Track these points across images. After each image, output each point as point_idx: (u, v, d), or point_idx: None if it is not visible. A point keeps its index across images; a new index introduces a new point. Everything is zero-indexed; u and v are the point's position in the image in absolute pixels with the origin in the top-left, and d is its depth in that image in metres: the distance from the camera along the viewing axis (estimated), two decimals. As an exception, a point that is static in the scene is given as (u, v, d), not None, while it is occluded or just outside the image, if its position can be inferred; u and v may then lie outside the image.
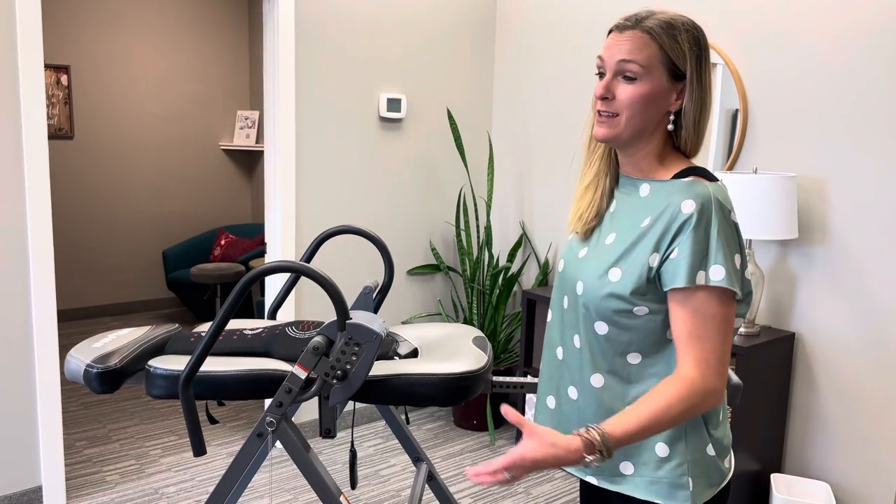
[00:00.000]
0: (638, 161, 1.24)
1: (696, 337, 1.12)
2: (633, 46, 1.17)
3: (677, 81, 1.19)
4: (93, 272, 5.39)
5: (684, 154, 1.24)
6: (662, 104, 1.20)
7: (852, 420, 2.58)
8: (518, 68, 3.74)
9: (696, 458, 1.19)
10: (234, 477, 1.57)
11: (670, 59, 1.17)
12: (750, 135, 2.81)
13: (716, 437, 1.22)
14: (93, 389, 1.52)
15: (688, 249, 1.12)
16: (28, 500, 2.67)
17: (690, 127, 1.20)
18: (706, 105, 1.21)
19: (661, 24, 1.18)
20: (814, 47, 2.60)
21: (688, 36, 1.18)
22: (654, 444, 1.20)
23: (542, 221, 3.68)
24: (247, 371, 1.55)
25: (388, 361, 1.64)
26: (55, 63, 5.02)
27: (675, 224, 1.14)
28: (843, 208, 2.56)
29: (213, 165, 5.85)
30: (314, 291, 3.36)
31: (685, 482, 1.19)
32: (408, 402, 1.57)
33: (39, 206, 2.58)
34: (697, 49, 1.19)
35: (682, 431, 1.20)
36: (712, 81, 1.23)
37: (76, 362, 1.54)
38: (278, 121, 3.13)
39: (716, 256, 1.12)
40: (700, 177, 1.19)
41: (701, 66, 1.19)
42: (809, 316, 2.67)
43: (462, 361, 1.62)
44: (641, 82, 1.17)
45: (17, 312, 2.59)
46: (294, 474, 3.06)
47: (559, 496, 2.94)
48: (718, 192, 1.16)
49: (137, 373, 1.61)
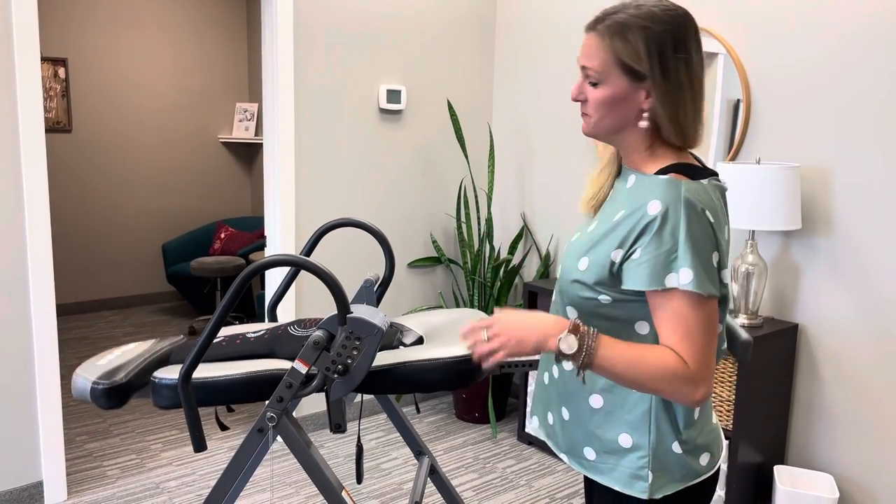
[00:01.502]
0: (628, 153, 1.24)
1: (681, 336, 1.11)
2: (590, 51, 1.18)
3: (641, 81, 1.15)
4: (92, 266, 5.38)
5: (679, 145, 1.21)
6: (631, 104, 1.18)
7: (856, 411, 2.57)
8: (518, 59, 3.71)
9: (657, 453, 1.21)
10: (235, 471, 1.56)
11: (623, 61, 1.15)
12: (753, 124, 2.78)
13: (685, 436, 1.22)
14: (100, 406, 1.52)
15: (650, 252, 1.11)
16: (29, 494, 2.66)
17: (667, 123, 1.17)
18: (682, 100, 1.16)
19: (614, 25, 1.15)
20: (818, 36, 2.57)
21: (643, 34, 1.13)
22: (618, 435, 1.22)
23: (544, 213, 3.67)
24: (249, 373, 1.54)
25: (393, 350, 1.63)
26: (52, 56, 4.99)
27: (639, 225, 1.13)
28: (847, 199, 2.54)
29: (212, 158, 5.82)
30: (314, 285, 3.35)
31: (644, 475, 1.20)
32: (416, 390, 1.56)
33: (37, 200, 2.56)
34: (658, 46, 1.13)
35: (647, 426, 1.21)
36: (695, 73, 1.17)
37: (82, 381, 1.54)
38: (277, 113, 3.11)
39: (683, 259, 1.09)
40: (681, 174, 1.16)
41: (665, 62, 1.14)
42: (813, 307, 2.66)
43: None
44: (603, 87, 1.18)
45: (16, 307, 2.57)
46: (295, 468, 3.06)
47: (561, 488, 2.93)
48: (693, 191, 1.12)
49: (144, 386, 1.62)
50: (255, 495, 2.82)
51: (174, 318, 5.33)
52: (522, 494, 2.89)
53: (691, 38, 1.16)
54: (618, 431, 1.23)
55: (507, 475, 3.05)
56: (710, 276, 1.11)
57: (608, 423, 1.24)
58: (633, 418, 1.21)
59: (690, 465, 1.23)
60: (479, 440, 3.38)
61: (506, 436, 3.43)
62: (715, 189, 1.18)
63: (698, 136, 1.21)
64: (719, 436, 1.30)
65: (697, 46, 1.18)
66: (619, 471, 1.23)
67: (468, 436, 3.43)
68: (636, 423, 1.21)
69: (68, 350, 4.51)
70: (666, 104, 1.16)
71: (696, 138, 1.20)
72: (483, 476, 3.03)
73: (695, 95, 1.17)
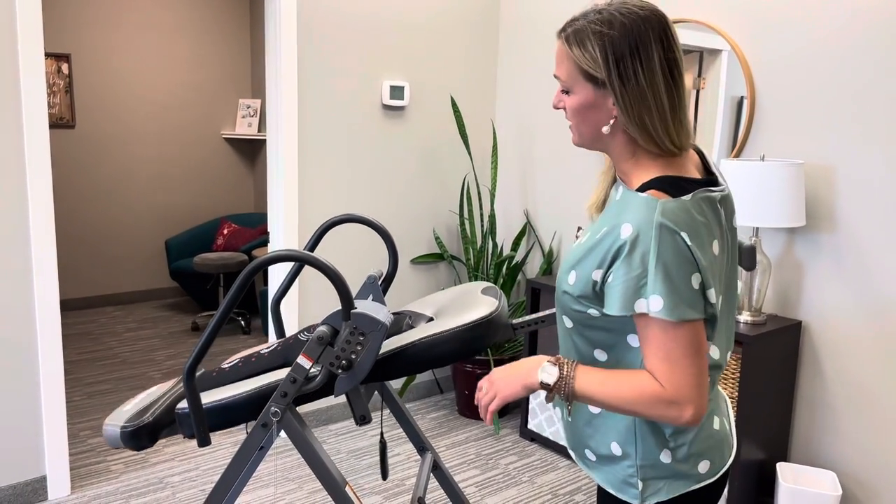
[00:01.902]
0: (617, 162, 1.21)
1: (660, 360, 1.10)
2: (558, 59, 1.18)
3: (604, 88, 1.13)
4: (95, 262, 5.39)
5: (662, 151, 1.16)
6: (601, 112, 1.15)
7: (859, 408, 2.57)
8: (522, 55, 3.71)
9: (645, 463, 1.21)
10: (238, 466, 1.56)
11: (583, 69, 1.14)
12: (757, 121, 2.78)
13: (674, 444, 1.20)
14: (133, 448, 1.55)
15: (621, 278, 1.09)
16: (33, 489, 2.67)
17: (634, 130, 1.13)
18: (646, 105, 1.11)
19: (573, 33, 1.14)
20: (823, 33, 2.57)
21: (598, 41, 1.11)
22: (610, 442, 1.24)
23: (547, 210, 3.66)
24: (254, 390, 1.55)
25: (403, 333, 1.63)
26: (56, 52, 5.00)
27: (613, 248, 1.10)
28: (852, 196, 2.53)
29: (215, 154, 5.83)
30: (318, 281, 3.35)
31: (634, 482, 1.22)
32: (432, 366, 1.55)
33: (41, 195, 2.57)
34: (615, 51, 1.10)
35: (633, 438, 1.21)
36: (659, 75, 1.11)
37: (111, 428, 1.56)
38: (280, 109, 3.11)
39: (653, 285, 1.06)
40: (661, 190, 1.11)
41: (623, 67, 1.10)
42: (817, 304, 2.65)
43: (473, 311, 1.61)
44: (572, 95, 1.18)
45: (20, 303, 2.58)
46: (299, 463, 3.06)
47: (563, 485, 2.94)
48: (669, 212, 1.07)
49: (172, 424, 1.64)
50: (259, 490, 2.82)
51: (177, 313, 5.34)
52: (525, 491, 2.89)
53: (654, 39, 1.11)
54: (609, 439, 1.24)
55: (510, 471, 3.05)
56: (687, 300, 1.07)
57: (602, 429, 1.25)
58: (621, 428, 1.22)
59: (685, 472, 1.21)
60: (482, 437, 3.39)
61: (508, 432, 3.44)
62: (702, 202, 1.12)
63: (678, 141, 1.15)
64: (722, 441, 1.26)
65: (666, 45, 1.12)
66: (613, 475, 1.25)
67: (470, 432, 3.43)
68: (623, 433, 1.22)
69: (71, 345, 4.52)
70: (629, 110, 1.12)
71: (672, 143, 1.14)
72: (485, 472, 3.04)
73: (662, 98, 1.12)
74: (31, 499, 2.67)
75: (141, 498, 2.75)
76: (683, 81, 1.16)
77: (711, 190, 1.15)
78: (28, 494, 2.66)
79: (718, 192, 1.17)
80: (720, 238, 1.16)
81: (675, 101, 1.14)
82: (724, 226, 1.19)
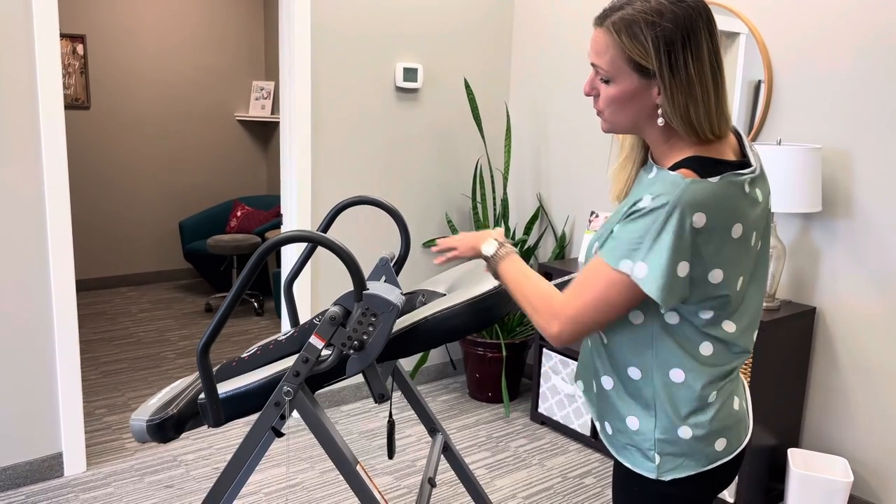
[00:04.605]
0: (652, 147, 1.23)
1: (576, 283, 1.17)
2: (599, 48, 1.16)
3: (652, 78, 1.13)
4: (110, 242, 5.43)
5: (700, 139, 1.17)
6: (643, 101, 1.16)
7: (872, 395, 2.55)
8: (536, 38, 3.68)
9: (663, 437, 1.22)
10: (251, 445, 1.58)
11: (633, 58, 1.13)
12: (774, 105, 2.75)
13: (694, 421, 1.21)
14: (159, 440, 1.58)
15: (625, 235, 1.12)
16: (49, 465, 2.71)
17: (677, 120, 1.14)
18: (693, 95, 1.12)
19: (621, 21, 1.12)
20: (841, 16, 2.53)
21: (651, 31, 1.10)
22: (626, 416, 1.25)
23: (560, 194, 3.65)
24: (270, 376, 1.57)
25: (416, 310, 1.65)
26: (71, 32, 5.01)
27: (630, 208, 1.13)
28: (869, 181, 2.51)
29: (229, 136, 5.84)
30: (331, 263, 3.36)
31: (651, 456, 1.23)
32: (444, 341, 1.57)
33: (57, 176, 2.58)
34: (667, 42, 1.10)
35: (652, 410, 1.22)
36: (706, 65, 1.12)
37: (137, 423, 1.59)
38: (294, 91, 3.10)
39: (647, 255, 1.10)
40: (691, 170, 1.12)
41: (674, 58, 1.11)
42: (831, 290, 2.63)
43: (484, 284, 1.63)
44: (613, 84, 1.16)
45: (37, 282, 2.61)
46: (311, 443, 3.09)
47: (574, 468, 2.95)
48: (692, 193, 1.09)
49: (197, 415, 1.67)
50: (271, 469, 2.85)
51: (190, 294, 5.38)
52: (535, 473, 2.90)
53: (702, 29, 1.12)
54: (626, 413, 1.25)
55: (520, 454, 3.06)
56: (668, 283, 1.10)
57: (619, 403, 1.26)
58: (639, 402, 1.23)
59: (703, 450, 1.22)
60: (492, 419, 3.40)
61: (518, 415, 3.45)
62: (729, 185, 1.13)
63: (717, 130, 1.16)
64: (740, 421, 1.26)
65: (711, 36, 1.13)
66: (630, 449, 1.26)
67: (481, 415, 3.45)
68: (641, 407, 1.23)
69: (87, 325, 4.57)
70: (675, 101, 1.13)
71: (712, 132, 1.16)
72: (495, 455, 3.05)
73: (708, 88, 1.13)
74: (47, 475, 2.71)
75: (155, 475, 2.79)
76: (724, 69, 1.17)
77: (740, 173, 1.15)
78: (44, 471, 2.70)
79: (748, 175, 1.17)
80: (745, 221, 1.16)
81: (719, 90, 1.15)
82: (755, 208, 1.19)
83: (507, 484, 2.81)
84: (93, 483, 2.72)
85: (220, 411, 1.51)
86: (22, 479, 2.66)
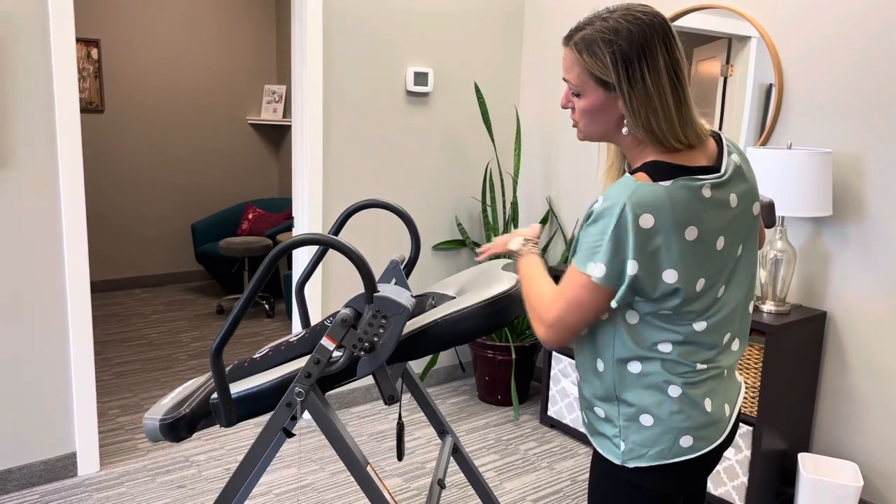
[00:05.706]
0: (626, 153, 1.31)
1: (556, 292, 1.26)
2: (567, 65, 1.26)
3: (614, 91, 1.21)
4: (124, 244, 5.48)
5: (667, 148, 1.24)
6: (610, 112, 1.24)
7: (883, 400, 2.54)
8: (547, 42, 3.69)
9: (627, 425, 1.29)
10: (262, 446, 1.59)
11: (594, 74, 1.22)
12: (785, 109, 2.74)
13: (657, 414, 1.27)
14: (171, 440, 1.59)
15: (586, 238, 1.21)
16: (63, 465, 2.74)
17: (641, 129, 1.21)
18: (652, 107, 1.19)
19: (582, 41, 1.22)
20: (852, 20, 2.52)
21: (608, 48, 1.19)
22: (594, 406, 1.34)
23: (569, 197, 3.66)
24: (281, 377, 1.58)
25: (426, 313, 1.65)
26: (86, 37, 5.06)
27: (586, 213, 1.23)
28: (881, 186, 2.50)
29: (241, 140, 5.88)
30: (342, 265, 3.38)
31: (618, 443, 1.30)
32: (455, 343, 1.58)
33: (72, 179, 2.62)
34: (624, 58, 1.18)
35: (615, 403, 1.30)
36: (664, 77, 1.19)
37: (150, 422, 1.60)
38: (306, 95, 3.13)
39: (603, 254, 1.18)
40: (645, 174, 1.20)
41: (632, 71, 1.18)
42: (842, 295, 2.63)
43: (494, 287, 1.65)
44: (583, 97, 1.26)
45: (52, 284, 2.64)
46: (322, 444, 3.11)
47: (583, 471, 2.95)
48: (639, 195, 1.15)
49: (209, 415, 1.68)
50: (282, 470, 2.87)
51: (202, 296, 5.41)
52: (544, 476, 2.91)
53: (657, 43, 1.19)
54: (594, 402, 1.34)
55: (529, 457, 3.07)
56: (621, 278, 1.19)
57: (589, 392, 1.35)
58: (603, 392, 1.31)
59: (665, 443, 1.27)
60: (501, 422, 3.41)
61: (528, 418, 3.45)
62: (683, 189, 1.18)
63: (682, 138, 1.22)
64: (714, 423, 1.29)
65: (668, 49, 1.20)
66: (599, 436, 1.35)
67: (490, 418, 3.45)
68: (604, 397, 1.31)
69: (100, 326, 4.62)
70: (636, 112, 1.20)
71: (677, 140, 1.22)
72: (504, 458, 3.06)
73: (668, 99, 1.20)
74: (61, 474, 2.74)
75: (167, 475, 2.81)
76: (687, 80, 1.24)
77: (697, 178, 1.20)
78: (58, 470, 2.73)
79: (709, 180, 1.21)
80: (702, 224, 1.21)
81: (679, 101, 1.22)
82: (720, 211, 1.23)
83: (517, 487, 2.82)
84: (106, 483, 2.74)
85: (232, 411, 1.53)
86: (36, 479, 2.69)
